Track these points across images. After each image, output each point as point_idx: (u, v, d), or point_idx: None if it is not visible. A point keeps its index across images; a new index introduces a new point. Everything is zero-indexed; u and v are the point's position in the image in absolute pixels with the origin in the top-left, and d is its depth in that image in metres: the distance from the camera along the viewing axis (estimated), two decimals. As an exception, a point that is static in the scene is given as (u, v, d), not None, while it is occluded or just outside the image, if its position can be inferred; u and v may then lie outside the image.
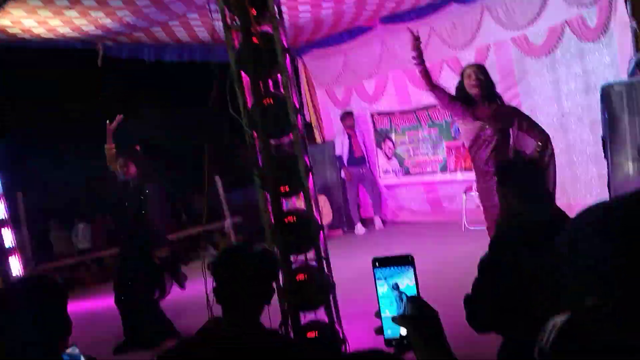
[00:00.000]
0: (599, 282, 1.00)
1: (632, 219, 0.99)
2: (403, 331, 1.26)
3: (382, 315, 1.30)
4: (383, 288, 1.31)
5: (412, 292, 1.30)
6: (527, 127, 4.50)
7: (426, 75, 4.71)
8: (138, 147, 5.55)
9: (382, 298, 1.30)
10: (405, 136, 9.23)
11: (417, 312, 1.25)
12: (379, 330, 1.31)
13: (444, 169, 8.84)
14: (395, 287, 1.30)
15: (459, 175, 8.56)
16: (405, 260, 1.31)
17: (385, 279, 1.31)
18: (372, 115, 9.62)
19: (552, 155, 4.56)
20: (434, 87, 4.76)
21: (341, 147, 9.49)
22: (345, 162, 9.44)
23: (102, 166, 5.54)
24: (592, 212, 1.09)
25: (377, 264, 1.31)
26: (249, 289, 1.99)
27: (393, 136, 9.42)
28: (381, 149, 9.64)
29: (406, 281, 1.30)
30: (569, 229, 1.13)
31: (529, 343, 2.13)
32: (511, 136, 4.54)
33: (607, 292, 0.98)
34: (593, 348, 0.98)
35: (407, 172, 9.35)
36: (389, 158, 9.57)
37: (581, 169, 7.39)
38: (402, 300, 1.29)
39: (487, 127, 4.47)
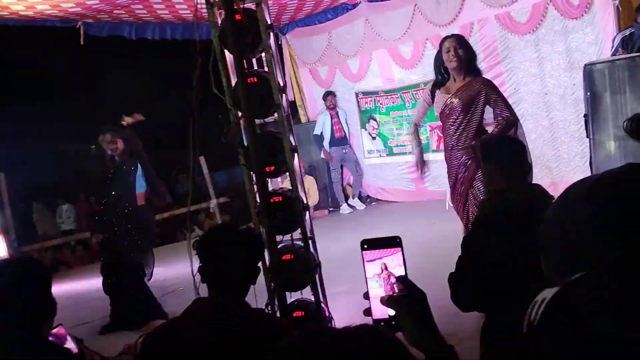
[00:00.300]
0: (590, 267, 0.99)
1: (627, 205, 0.97)
2: (391, 312, 1.28)
3: (370, 296, 1.31)
4: (371, 269, 1.32)
5: (401, 273, 1.31)
6: (497, 103, 4.44)
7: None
8: (125, 123, 5.46)
9: (371, 280, 1.31)
10: (389, 116, 9.23)
11: (405, 292, 1.26)
12: (368, 312, 1.32)
13: (426, 149, 8.85)
14: (384, 268, 1.31)
15: (441, 155, 8.59)
16: (393, 242, 1.32)
17: (373, 260, 1.32)
18: (356, 95, 9.59)
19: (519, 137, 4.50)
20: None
21: (322, 127, 9.46)
22: (327, 142, 9.42)
23: (87, 147, 5.47)
24: (581, 191, 1.08)
25: (365, 245, 1.32)
26: (235, 269, 1.98)
27: (377, 116, 9.41)
28: (365, 129, 9.63)
29: (395, 263, 1.31)
30: (556, 207, 1.12)
31: (513, 322, 2.15)
32: (478, 111, 4.46)
33: (598, 274, 0.98)
34: (589, 340, 0.98)
35: (390, 152, 9.36)
36: (373, 138, 9.57)
37: (564, 148, 7.44)
38: (390, 281, 1.30)
39: (455, 98, 4.43)
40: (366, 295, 1.31)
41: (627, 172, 1.04)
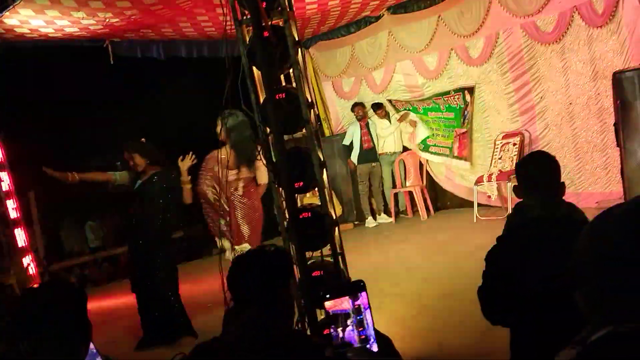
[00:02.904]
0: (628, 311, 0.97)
1: None
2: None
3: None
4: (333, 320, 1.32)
5: (367, 318, 1.31)
6: None
7: None
8: (144, 140, 5.48)
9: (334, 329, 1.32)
10: (427, 116, 8.95)
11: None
12: None
13: (451, 154, 8.73)
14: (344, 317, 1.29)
15: (462, 164, 8.56)
16: (357, 287, 1.30)
17: (336, 311, 1.31)
18: (390, 101, 9.32)
19: None
20: None
21: (351, 137, 9.41)
22: (355, 154, 9.34)
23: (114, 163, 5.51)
24: (621, 222, 1.05)
25: (327, 296, 1.30)
26: (260, 294, 1.94)
27: (414, 115, 9.11)
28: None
29: (360, 309, 1.30)
30: (592, 239, 1.09)
31: (535, 337, 2.12)
32: None
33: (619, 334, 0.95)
34: None
35: (426, 149, 9.12)
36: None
37: (586, 158, 7.33)
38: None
39: None
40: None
41: None
